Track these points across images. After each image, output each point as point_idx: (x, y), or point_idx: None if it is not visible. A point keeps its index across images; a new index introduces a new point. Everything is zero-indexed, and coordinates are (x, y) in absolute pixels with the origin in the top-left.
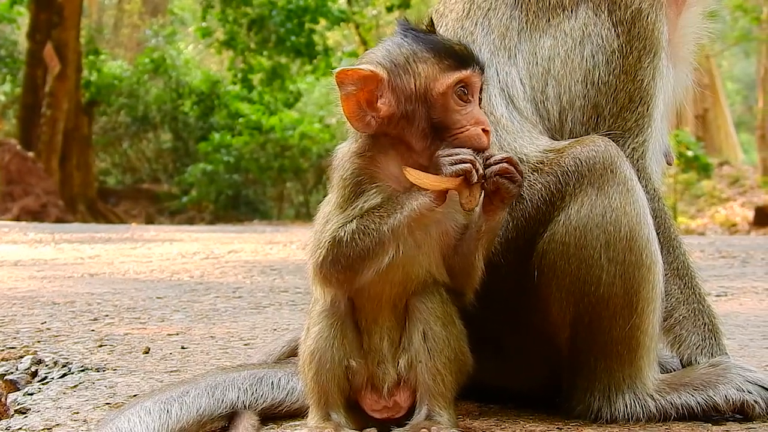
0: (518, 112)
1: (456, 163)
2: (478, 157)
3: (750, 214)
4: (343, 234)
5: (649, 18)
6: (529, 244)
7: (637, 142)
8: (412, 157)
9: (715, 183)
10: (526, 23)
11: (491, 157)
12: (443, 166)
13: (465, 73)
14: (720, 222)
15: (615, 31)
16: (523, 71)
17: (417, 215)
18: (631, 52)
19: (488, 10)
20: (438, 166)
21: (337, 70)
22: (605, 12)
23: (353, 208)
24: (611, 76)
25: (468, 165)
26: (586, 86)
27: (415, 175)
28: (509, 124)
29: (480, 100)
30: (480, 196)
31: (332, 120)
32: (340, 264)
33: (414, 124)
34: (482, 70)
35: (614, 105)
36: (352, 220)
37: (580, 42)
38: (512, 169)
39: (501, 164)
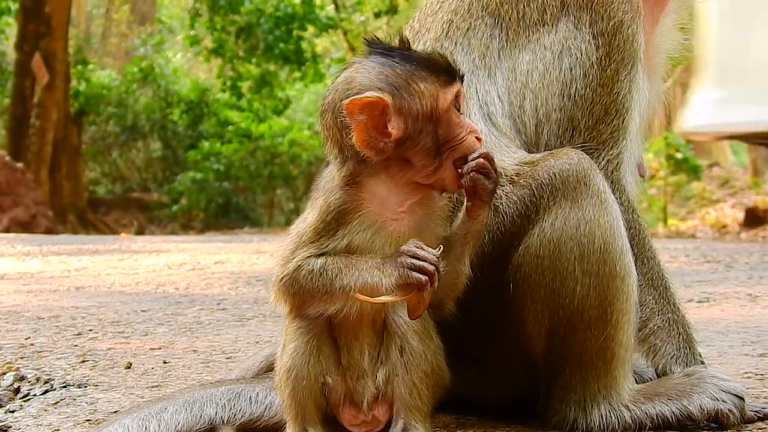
0: (496, 128)
1: (414, 269)
2: (440, 259)
3: (740, 216)
4: (306, 265)
5: (629, 30)
6: (504, 257)
7: (611, 155)
8: (406, 176)
9: (704, 184)
10: (506, 41)
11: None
12: (400, 267)
13: (458, 86)
14: (710, 224)
15: (595, 43)
16: (502, 88)
17: (369, 292)
18: (609, 65)
19: (468, 29)
20: (398, 261)
21: (345, 102)
22: (587, 24)
23: (329, 239)
24: (588, 89)
25: (424, 278)
26: (563, 99)
27: (363, 299)
28: (487, 139)
29: None
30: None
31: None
32: (292, 288)
33: (420, 143)
34: (462, 79)
35: (590, 118)
36: (320, 255)
37: (558, 55)
38: (487, 164)
39: (477, 160)
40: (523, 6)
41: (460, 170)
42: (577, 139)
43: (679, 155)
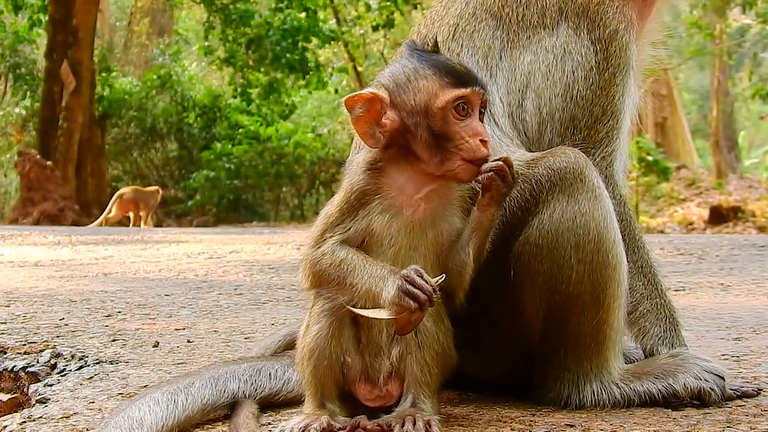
0: (498, 127)
1: (408, 295)
2: (435, 285)
3: (705, 213)
4: (330, 253)
5: (623, 39)
6: (505, 246)
7: (606, 152)
8: (420, 167)
9: (673, 185)
10: (507, 42)
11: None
12: (397, 288)
13: (464, 91)
14: (678, 221)
15: (593, 48)
16: (503, 88)
17: (371, 298)
18: (606, 69)
19: (473, 32)
20: (396, 283)
21: (345, 97)
22: (585, 31)
23: (352, 220)
24: (588, 91)
25: (414, 305)
26: (566, 99)
27: (356, 311)
28: (489, 139)
29: (482, 114)
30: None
31: (324, 130)
32: (315, 269)
33: (417, 136)
34: (483, 89)
35: (589, 117)
36: (344, 245)
37: (561, 58)
38: (506, 169)
39: (497, 162)
40: (523, 9)
41: (478, 167)
42: (577, 136)
43: (650, 158)
